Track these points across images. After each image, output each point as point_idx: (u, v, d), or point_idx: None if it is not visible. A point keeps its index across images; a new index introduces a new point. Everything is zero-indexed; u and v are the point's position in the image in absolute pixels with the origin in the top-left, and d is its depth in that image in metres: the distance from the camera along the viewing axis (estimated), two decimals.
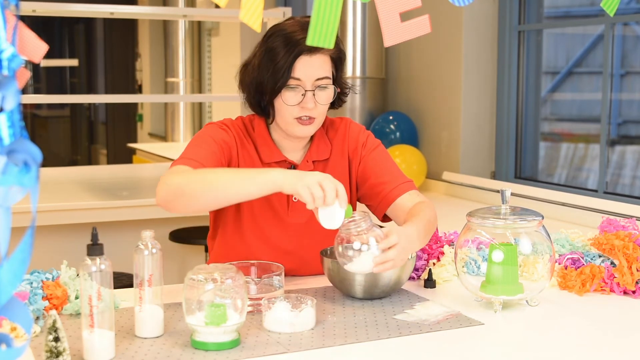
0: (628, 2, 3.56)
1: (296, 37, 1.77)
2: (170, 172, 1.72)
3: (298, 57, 1.76)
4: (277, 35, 1.80)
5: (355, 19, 4.34)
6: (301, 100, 1.78)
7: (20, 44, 0.99)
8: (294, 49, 1.76)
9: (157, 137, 7.96)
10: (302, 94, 1.78)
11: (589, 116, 3.82)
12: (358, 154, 1.95)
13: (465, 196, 3.87)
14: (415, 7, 1.36)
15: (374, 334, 1.49)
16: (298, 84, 1.77)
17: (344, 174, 1.94)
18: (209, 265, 1.48)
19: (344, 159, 1.95)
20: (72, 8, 3.54)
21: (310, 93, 1.78)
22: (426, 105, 4.20)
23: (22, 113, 0.83)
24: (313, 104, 1.79)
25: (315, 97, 1.79)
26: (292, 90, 1.78)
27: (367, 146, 1.96)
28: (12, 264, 0.77)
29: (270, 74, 1.78)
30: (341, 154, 1.95)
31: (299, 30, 1.78)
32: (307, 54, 1.76)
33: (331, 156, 1.93)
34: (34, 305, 1.52)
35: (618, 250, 1.82)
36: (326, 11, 1.22)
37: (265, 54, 1.81)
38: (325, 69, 1.79)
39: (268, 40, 1.82)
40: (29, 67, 8.97)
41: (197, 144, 1.82)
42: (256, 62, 1.83)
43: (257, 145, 1.89)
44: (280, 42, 1.78)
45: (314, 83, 1.78)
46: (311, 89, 1.78)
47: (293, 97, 1.78)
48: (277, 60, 1.77)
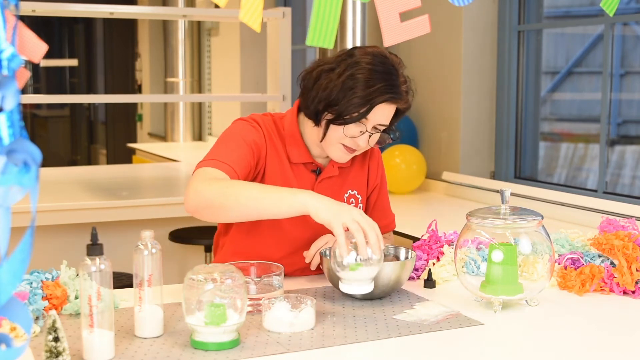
0: (628, 2, 3.56)
1: (395, 82, 1.76)
2: (200, 175, 1.70)
3: (384, 102, 1.76)
4: (372, 71, 1.76)
5: (355, 19, 4.33)
6: (358, 136, 1.79)
7: (20, 44, 0.99)
8: (387, 92, 1.75)
9: (156, 137, 7.96)
10: (362, 131, 1.78)
11: (589, 116, 3.83)
12: (376, 174, 2.01)
13: (465, 196, 3.87)
14: (415, 7, 1.36)
15: (374, 334, 1.49)
16: (364, 122, 1.78)
17: (361, 184, 1.99)
18: (208, 265, 1.48)
19: (363, 170, 2.00)
20: (72, 8, 3.53)
21: (368, 134, 1.79)
22: (426, 105, 4.20)
23: (22, 113, 0.83)
24: (365, 145, 1.81)
25: (370, 138, 1.81)
26: (356, 124, 1.78)
27: (382, 172, 2.03)
28: (11, 264, 0.77)
29: (345, 102, 1.75)
30: (361, 164, 1.99)
31: (398, 74, 1.78)
32: (388, 102, 1.76)
33: (353, 165, 1.97)
34: (34, 305, 1.52)
35: (618, 250, 1.82)
36: (326, 11, 1.22)
37: (349, 80, 1.76)
38: (390, 117, 1.81)
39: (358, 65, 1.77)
40: (28, 67, 8.98)
41: (227, 144, 1.79)
42: (340, 78, 1.77)
43: (286, 144, 1.88)
44: (380, 78, 1.75)
45: (377, 126, 1.80)
46: (371, 132, 1.79)
47: (353, 129, 1.79)
48: (366, 95, 1.74)
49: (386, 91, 1.75)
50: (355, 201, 1.97)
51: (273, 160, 1.86)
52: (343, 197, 1.95)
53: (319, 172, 1.92)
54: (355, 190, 1.97)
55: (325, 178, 1.91)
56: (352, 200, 1.96)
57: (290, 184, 1.87)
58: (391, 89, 1.76)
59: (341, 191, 1.95)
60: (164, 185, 4.33)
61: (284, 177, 1.87)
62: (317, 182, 1.91)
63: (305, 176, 1.90)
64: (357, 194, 1.97)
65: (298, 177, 1.89)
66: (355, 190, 1.97)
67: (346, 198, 1.95)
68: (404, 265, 1.72)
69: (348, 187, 1.96)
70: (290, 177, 1.88)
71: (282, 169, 1.87)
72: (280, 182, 1.85)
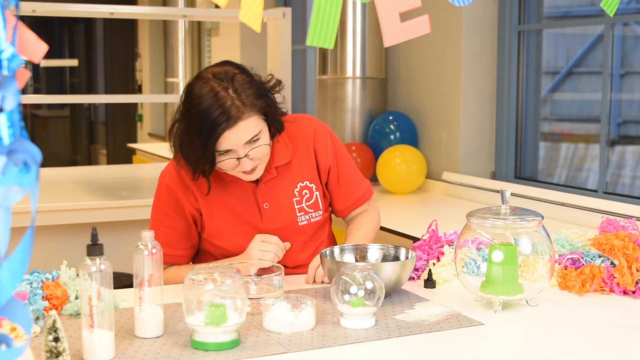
0: (628, 2, 3.56)
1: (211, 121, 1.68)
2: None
3: (220, 136, 1.70)
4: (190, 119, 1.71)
5: (355, 19, 4.33)
6: (237, 164, 1.76)
7: (20, 44, 0.99)
8: (211, 136, 1.69)
9: (157, 137, 7.96)
10: (237, 159, 1.75)
11: (589, 116, 3.82)
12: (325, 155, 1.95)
13: (465, 196, 3.87)
14: (415, 7, 1.36)
15: (374, 334, 1.49)
16: (229, 153, 1.74)
17: (311, 171, 1.95)
18: (209, 265, 1.48)
19: (309, 157, 1.95)
20: (72, 8, 3.53)
21: (245, 158, 1.75)
22: (426, 105, 4.20)
23: (22, 113, 0.83)
24: (250, 165, 1.77)
25: (250, 156, 1.75)
26: (225, 157, 1.74)
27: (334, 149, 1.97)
28: (12, 264, 0.77)
29: (194, 160, 1.74)
30: (305, 152, 1.94)
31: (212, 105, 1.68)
32: (229, 130, 1.69)
33: (294, 157, 1.93)
34: (34, 305, 1.52)
35: (618, 250, 1.82)
36: (326, 11, 1.22)
37: (185, 135, 1.73)
38: (252, 128, 1.73)
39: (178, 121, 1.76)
40: (28, 67, 8.97)
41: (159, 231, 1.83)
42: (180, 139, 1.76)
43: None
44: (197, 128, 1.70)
45: (244, 146, 1.74)
46: (244, 154, 1.74)
47: (229, 163, 1.76)
48: (200, 145, 1.70)
49: (212, 131, 1.68)
50: (310, 191, 1.94)
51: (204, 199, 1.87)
52: (293, 193, 1.92)
53: (257, 181, 1.89)
54: (307, 181, 1.94)
55: (265, 181, 1.90)
56: (306, 192, 1.93)
57: (229, 206, 1.88)
58: (215, 125, 1.68)
59: (289, 188, 1.92)
60: None
61: (221, 204, 1.89)
62: (257, 189, 1.89)
63: (245, 189, 1.90)
64: (308, 183, 1.94)
65: (237, 195, 1.89)
66: (306, 181, 1.93)
67: (297, 192, 1.93)
68: (404, 265, 1.72)
69: (297, 180, 1.93)
70: (227, 200, 1.89)
71: (216, 197, 1.88)
72: (221, 210, 1.88)
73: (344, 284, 1.54)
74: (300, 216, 1.93)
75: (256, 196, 1.89)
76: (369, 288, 1.53)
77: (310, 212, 1.94)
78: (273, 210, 1.90)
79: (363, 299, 1.52)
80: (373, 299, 1.53)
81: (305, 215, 1.93)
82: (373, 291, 1.53)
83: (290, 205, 1.92)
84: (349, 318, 1.53)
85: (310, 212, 1.94)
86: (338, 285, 1.54)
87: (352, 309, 1.52)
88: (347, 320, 1.54)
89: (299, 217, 1.93)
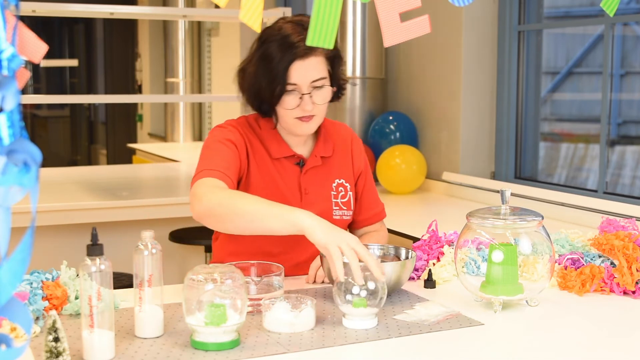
0: (628, 2, 3.56)
1: (289, 41, 1.81)
2: (201, 184, 1.75)
3: (292, 62, 1.80)
4: (271, 41, 1.84)
5: (355, 19, 4.33)
6: (299, 103, 1.83)
7: (20, 44, 0.99)
8: (288, 54, 1.80)
9: (157, 137, 7.96)
10: (300, 97, 1.83)
11: (589, 116, 3.82)
12: (359, 159, 2.05)
13: (465, 196, 3.87)
14: (415, 7, 1.36)
15: (374, 334, 1.49)
16: (295, 88, 1.83)
17: (347, 171, 2.01)
18: (209, 265, 1.48)
19: (347, 157, 2.03)
20: (72, 8, 3.54)
21: (307, 96, 1.83)
22: (426, 105, 4.20)
23: (22, 113, 0.83)
24: (311, 106, 1.84)
25: (313, 98, 1.84)
26: (290, 94, 1.83)
27: (365, 158, 2.08)
28: (12, 264, 0.77)
29: (267, 82, 1.83)
30: (344, 151, 2.02)
31: (292, 34, 1.82)
32: (300, 58, 1.81)
33: (334, 153, 2.00)
34: (34, 305, 1.52)
35: (618, 250, 1.82)
36: (326, 11, 1.22)
37: (260, 61, 1.85)
38: (319, 69, 1.84)
39: (262, 45, 1.86)
40: (28, 67, 8.97)
41: (213, 152, 1.85)
42: (252, 69, 1.88)
43: (264, 141, 1.93)
44: (275, 48, 1.82)
45: (310, 85, 1.83)
46: (308, 92, 1.83)
47: (291, 100, 1.84)
48: (272, 68, 1.81)
49: (283, 57, 1.80)
50: (345, 190, 1.99)
51: (254, 159, 1.91)
52: (331, 187, 1.98)
53: (302, 164, 1.95)
54: (343, 179, 2.00)
55: (309, 169, 1.95)
56: (341, 189, 1.99)
57: (274, 180, 1.91)
58: (287, 50, 1.79)
59: (328, 180, 1.97)
60: (164, 185, 4.33)
61: (268, 175, 1.91)
62: (302, 174, 1.94)
63: (290, 170, 1.94)
64: (344, 182, 2.00)
65: (282, 173, 1.92)
66: (342, 179, 2.00)
67: (335, 187, 1.98)
68: (404, 266, 1.72)
69: (335, 176, 1.99)
70: (273, 174, 1.91)
71: (264, 166, 1.91)
72: (264, 180, 1.90)
73: (346, 285, 1.54)
74: (335, 210, 1.97)
75: (299, 180, 1.94)
76: (371, 288, 1.53)
77: (343, 210, 1.99)
78: (312, 198, 1.93)
79: (365, 299, 1.52)
80: (375, 299, 1.53)
81: (339, 210, 1.98)
82: (375, 291, 1.53)
83: (328, 197, 1.97)
84: (351, 318, 1.53)
85: (343, 210, 1.99)
86: (340, 285, 1.54)
87: (355, 310, 1.52)
88: (349, 320, 1.54)
89: (334, 210, 1.97)
